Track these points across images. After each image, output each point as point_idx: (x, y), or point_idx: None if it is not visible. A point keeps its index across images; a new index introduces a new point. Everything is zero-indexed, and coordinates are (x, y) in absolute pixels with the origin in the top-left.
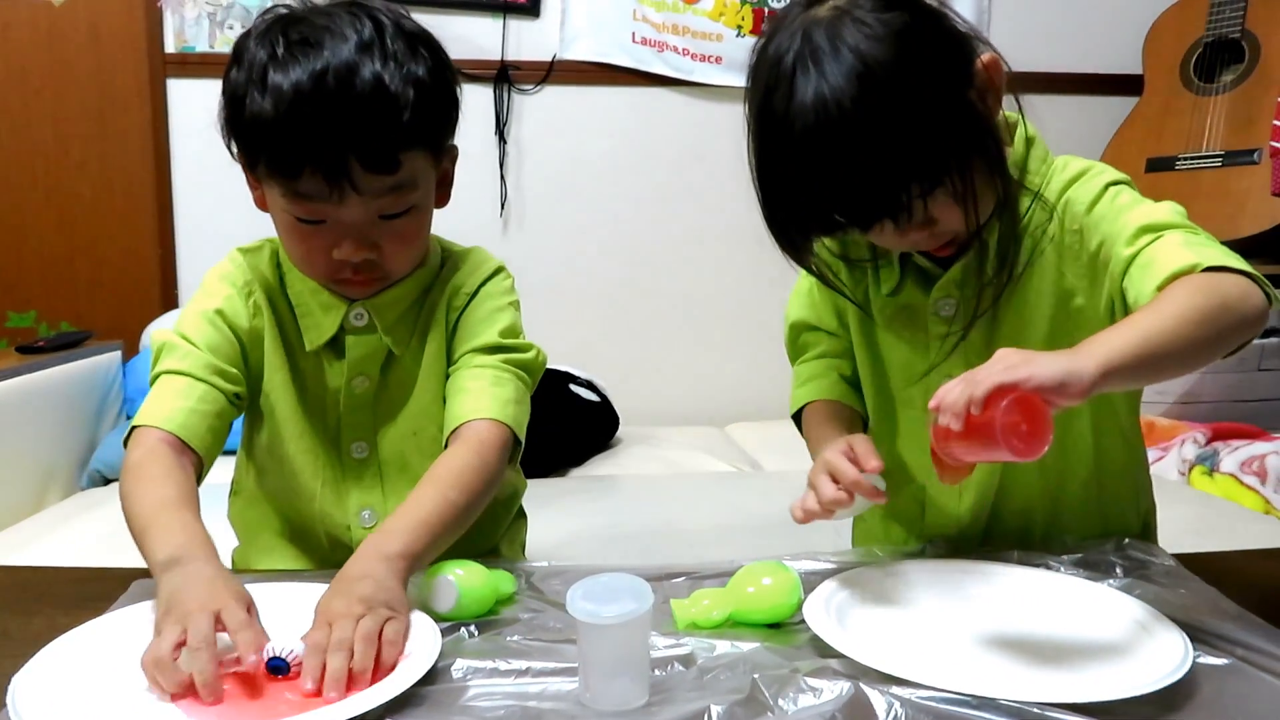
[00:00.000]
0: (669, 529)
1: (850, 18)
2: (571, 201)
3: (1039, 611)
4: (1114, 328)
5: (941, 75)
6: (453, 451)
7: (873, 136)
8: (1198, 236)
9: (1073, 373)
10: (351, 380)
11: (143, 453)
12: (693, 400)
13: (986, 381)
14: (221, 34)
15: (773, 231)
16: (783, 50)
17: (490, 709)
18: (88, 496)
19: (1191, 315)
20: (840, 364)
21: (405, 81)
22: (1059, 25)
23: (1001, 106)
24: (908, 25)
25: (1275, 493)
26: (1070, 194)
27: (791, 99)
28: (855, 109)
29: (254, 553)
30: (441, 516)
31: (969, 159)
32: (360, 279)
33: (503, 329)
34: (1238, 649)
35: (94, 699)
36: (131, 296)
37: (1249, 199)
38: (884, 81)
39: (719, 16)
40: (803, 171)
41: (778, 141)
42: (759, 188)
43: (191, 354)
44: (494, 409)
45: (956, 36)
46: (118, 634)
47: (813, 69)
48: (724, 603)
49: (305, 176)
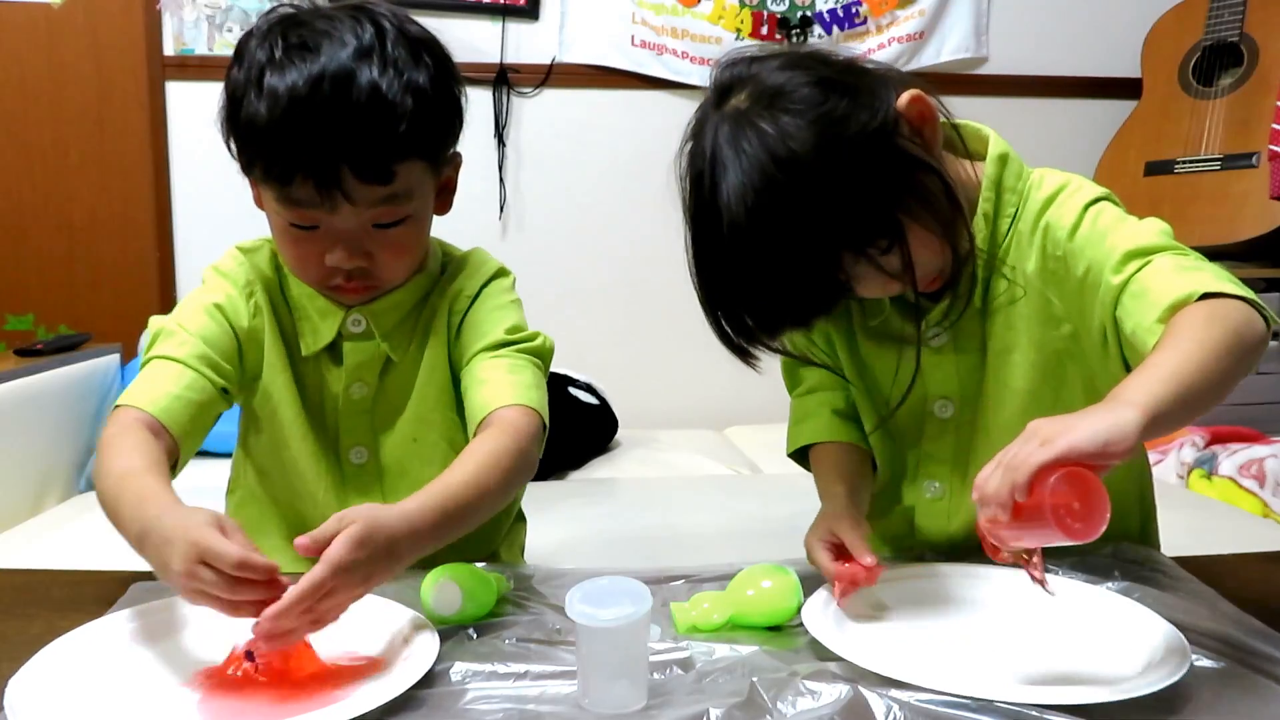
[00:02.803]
0: (668, 532)
1: (757, 112)
2: (571, 204)
3: (1037, 614)
4: (1141, 373)
5: (859, 141)
6: (487, 437)
7: (798, 228)
8: (1187, 258)
9: (1116, 428)
10: (349, 386)
11: (115, 429)
12: (692, 403)
13: (1026, 465)
14: (220, 37)
15: (716, 331)
16: (701, 150)
17: (489, 712)
18: (86, 499)
19: (1213, 348)
20: (832, 397)
21: (404, 90)
22: (1057, 29)
23: (939, 133)
24: (817, 102)
25: (1274, 496)
26: (1049, 217)
27: (714, 200)
28: (774, 203)
29: None
30: (467, 496)
31: (911, 203)
32: (352, 286)
33: (509, 327)
34: (1236, 652)
35: (92, 702)
36: (130, 299)
37: (1247, 202)
38: (802, 170)
39: (718, 20)
40: (736, 270)
41: (707, 241)
42: (698, 290)
43: (186, 341)
44: (519, 395)
45: (869, 89)
46: (116, 637)
47: (729, 168)
48: (724, 606)
49: (297, 183)
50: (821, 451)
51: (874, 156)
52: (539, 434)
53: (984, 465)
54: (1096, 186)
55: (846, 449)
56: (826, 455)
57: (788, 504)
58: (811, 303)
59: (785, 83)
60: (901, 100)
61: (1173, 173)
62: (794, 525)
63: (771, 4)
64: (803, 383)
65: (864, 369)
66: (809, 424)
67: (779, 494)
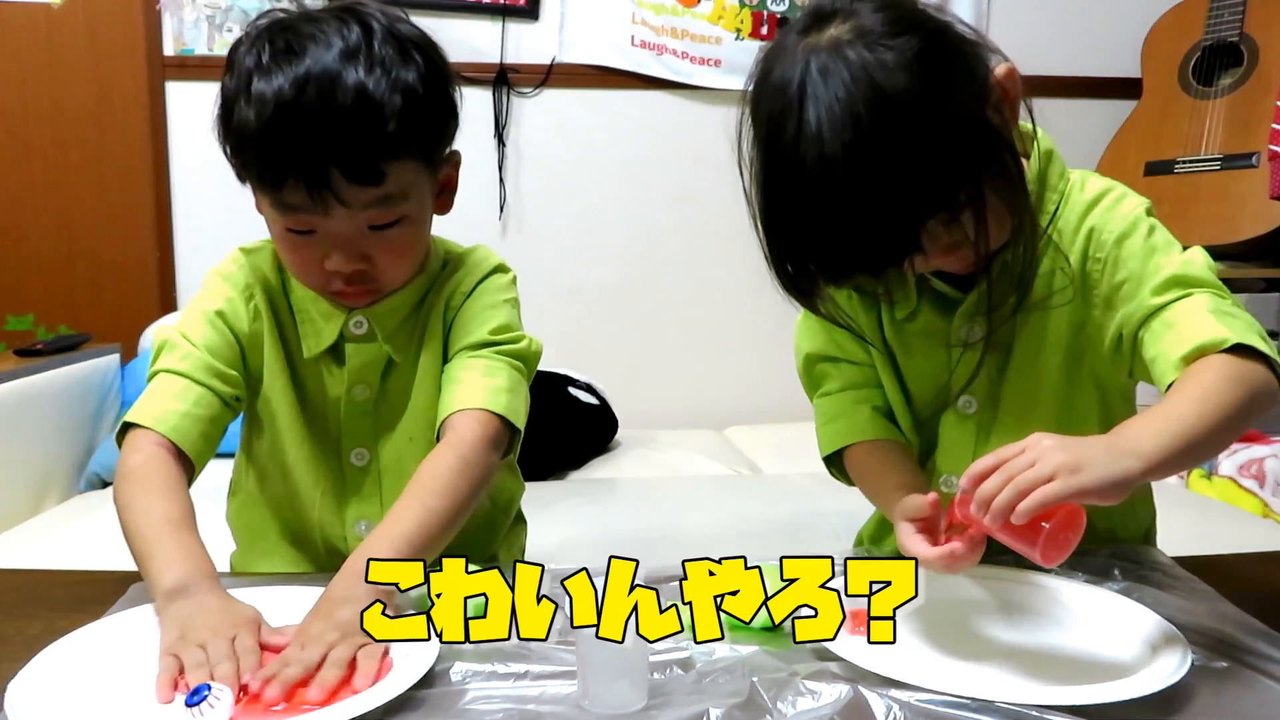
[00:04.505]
0: (668, 532)
1: (859, 45)
2: (571, 204)
3: (1037, 615)
4: (1154, 419)
5: (959, 98)
6: (433, 456)
7: (891, 170)
8: (1224, 300)
9: (1122, 483)
10: (352, 388)
11: (142, 459)
12: (692, 403)
13: (1041, 496)
14: (220, 37)
15: (781, 279)
16: (788, 80)
17: (489, 712)
18: (86, 499)
19: (1227, 410)
20: (869, 394)
21: (392, 88)
22: (1057, 28)
23: (1019, 117)
24: (921, 50)
25: (1274, 496)
26: (1095, 221)
27: (801, 131)
28: (871, 141)
29: (252, 556)
30: (424, 527)
31: (990, 178)
32: (353, 290)
33: (494, 327)
34: (1236, 652)
35: (92, 702)
36: (130, 299)
37: (1247, 202)
38: (901, 112)
39: (718, 20)
40: (817, 208)
41: (787, 176)
42: (764, 233)
43: (191, 355)
44: (483, 399)
45: (970, 52)
46: (116, 637)
47: (823, 99)
48: None
49: (289, 187)
50: (865, 449)
51: (971, 116)
52: (495, 438)
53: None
54: (1139, 197)
55: (897, 447)
56: (875, 451)
57: (788, 504)
58: (888, 249)
59: (890, 25)
60: (999, 71)
61: (1173, 173)
62: (794, 525)
63: (771, 4)
64: (826, 381)
65: (893, 364)
66: (845, 422)
67: (779, 494)
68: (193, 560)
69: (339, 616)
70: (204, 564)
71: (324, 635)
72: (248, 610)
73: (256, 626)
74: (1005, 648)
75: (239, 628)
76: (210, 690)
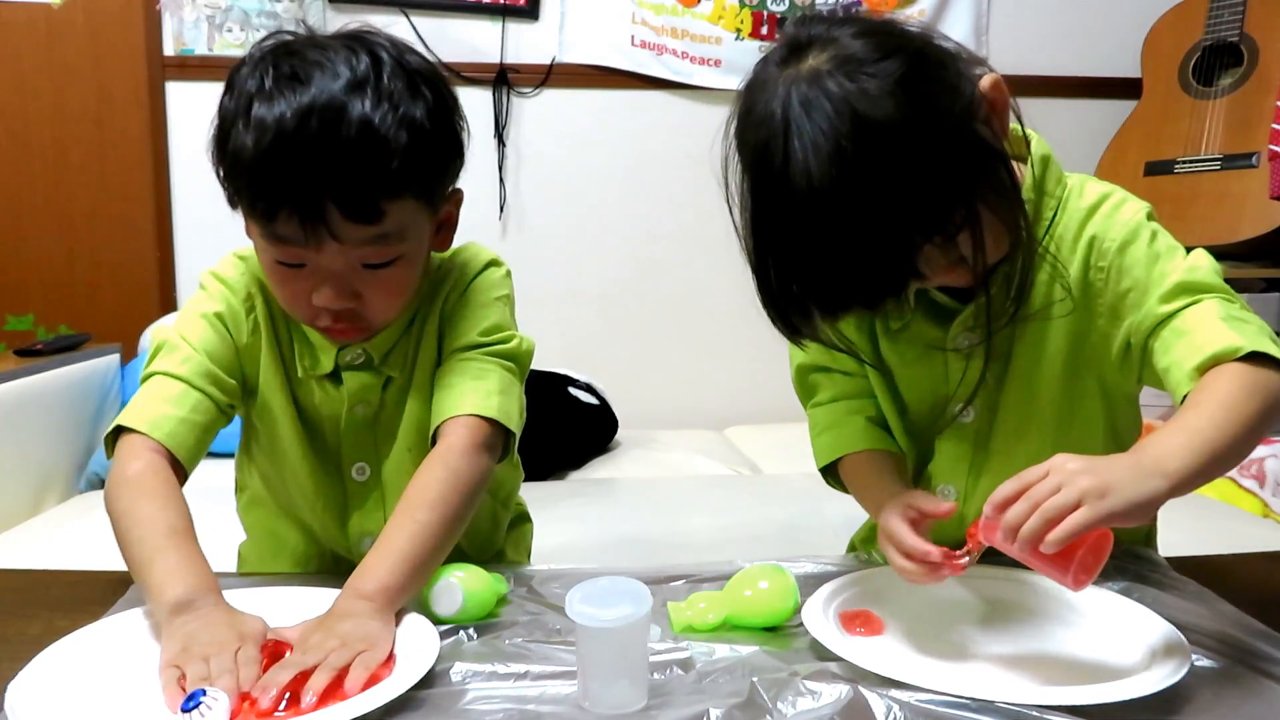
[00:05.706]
0: (667, 532)
1: (839, 75)
2: (570, 204)
3: (1037, 615)
4: (1175, 435)
5: (946, 119)
6: (423, 468)
7: (882, 201)
8: (1234, 305)
9: (1150, 505)
10: (353, 408)
11: (141, 466)
12: (691, 403)
13: (1071, 524)
14: (220, 37)
15: (776, 320)
16: (770, 114)
17: (489, 712)
18: (85, 500)
19: (1247, 421)
20: (862, 405)
21: (399, 124)
22: (1057, 29)
23: (1009, 125)
24: (904, 74)
25: (1274, 496)
26: (1096, 229)
27: (788, 168)
28: (859, 174)
29: (261, 552)
30: (417, 542)
31: (985, 195)
32: (340, 327)
33: (484, 327)
34: (1236, 653)
35: (91, 703)
36: (130, 299)
37: (1247, 202)
38: (888, 141)
39: (718, 20)
40: (810, 245)
41: (777, 214)
42: (756, 271)
43: (191, 358)
44: (474, 403)
45: (954, 68)
46: (116, 638)
47: (808, 134)
48: (720, 606)
49: (282, 219)
50: (860, 459)
51: (960, 135)
52: (486, 443)
53: (998, 475)
54: (1139, 201)
55: (891, 457)
56: (869, 461)
57: (788, 504)
58: (884, 282)
59: (869, 50)
60: (985, 83)
61: (1173, 173)
62: (794, 525)
63: (771, 4)
64: (819, 391)
65: (886, 375)
66: (838, 433)
67: (779, 494)
68: (197, 573)
69: (340, 629)
70: (208, 577)
71: (324, 644)
72: (253, 623)
73: (261, 639)
74: (1005, 648)
75: (243, 641)
76: (206, 695)
